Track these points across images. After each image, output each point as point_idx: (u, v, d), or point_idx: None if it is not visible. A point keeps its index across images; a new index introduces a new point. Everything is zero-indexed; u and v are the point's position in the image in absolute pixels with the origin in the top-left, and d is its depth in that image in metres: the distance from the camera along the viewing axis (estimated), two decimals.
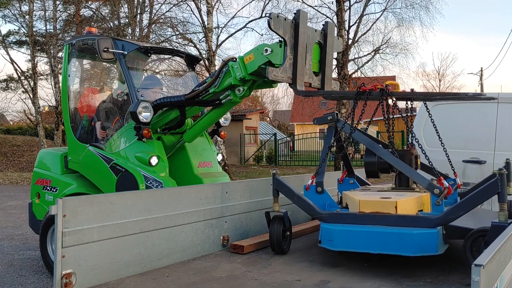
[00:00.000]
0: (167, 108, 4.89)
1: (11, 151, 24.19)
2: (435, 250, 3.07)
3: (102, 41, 4.99)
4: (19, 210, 10.64)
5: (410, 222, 3.12)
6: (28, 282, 5.38)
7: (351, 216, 3.34)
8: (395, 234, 3.10)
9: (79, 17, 23.85)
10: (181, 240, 3.29)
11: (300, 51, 3.70)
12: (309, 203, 3.55)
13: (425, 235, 3.06)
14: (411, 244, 3.06)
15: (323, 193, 3.74)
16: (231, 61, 4.14)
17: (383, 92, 3.51)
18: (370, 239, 3.18)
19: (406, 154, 3.67)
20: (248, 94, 4.29)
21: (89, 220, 2.69)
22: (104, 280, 2.78)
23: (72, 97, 5.89)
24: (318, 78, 4.02)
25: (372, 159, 3.74)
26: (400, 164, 3.48)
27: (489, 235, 2.90)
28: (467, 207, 3.10)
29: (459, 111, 5.67)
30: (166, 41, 20.40)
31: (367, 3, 18.60)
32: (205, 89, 4.40)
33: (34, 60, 23.00)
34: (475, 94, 3.46)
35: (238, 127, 26.58)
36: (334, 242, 3.31)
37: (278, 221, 3.59)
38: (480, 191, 3.10)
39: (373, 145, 3.68)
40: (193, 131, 5.01)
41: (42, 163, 6.01)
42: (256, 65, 3.78)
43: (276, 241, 3.57)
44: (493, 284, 1.95)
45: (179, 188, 3.73)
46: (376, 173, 3.80)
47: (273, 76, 3.55)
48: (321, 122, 4.05)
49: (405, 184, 3.75)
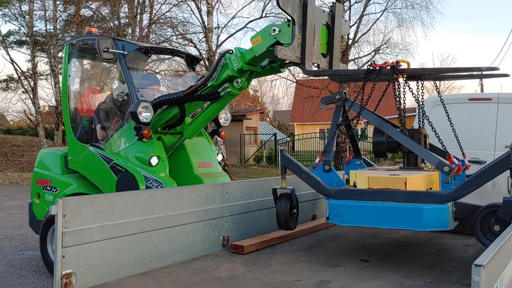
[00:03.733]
0: (166, 106, 4.89)
1: (11, 151, 24.19)
2: (445, 225, 3.02)
3: (102, 41, 5.00)
4: (19, 210, 10.64)
5: (420, 198, 3.07)
6: (28, 282, 5.38)
7: (360, 192, 3.28)
8: (405, 209, 3.05)
9: (79, 17, 23.84)
10: (181, 240, 3.29)
11: (309, 31, 3.66)
12: (317, 179, 3.52)
13: (435, 210, 3.00)
14: (422, 219, 3.01)
15: (330, 171, 3.72)
16: (228, 53, 4.16)
17: (394, 69, 3.44)
18: (380, 214, 3.13)
19: (415, 133, 3.60)
20: (246, 86, 4.29)
21: (89, 220, 2.69)
22: (104, 280, 2.78)
23: (72, 97, 5.89)
24: (326, 59, 3.99)
25: (380, 139, 3.70)
26: (409, 142, 3.41)
27: (501, 211, 2.86)
28: (478, 182, 3.02)
29: (459, 111, 5.66)
30: (166, 41, 20.39)
31: (367, 3, 18.61)
32: (203, 83, 4.41)
33: (34, 60, 22.99)
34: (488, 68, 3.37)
35: (238, 127, 26.58)
36: (343, 218, 3.27)
37: (285, 198, 3.58)
38: (492, 166, 3.02)
39: (382, 123, 3.63)
40: (193, 127, 5.01)
41: (42, 163, 6.01)
42: (264, 47, 3.73)
43: (283, 218, 3.56)
44: (493, 284, 1.95)
45: (179, 188, 3.73)
46: (384, 152, 3.75)
47: (281, 55, 3.50)
48: (329, 101, 4.00)
49: (414, 164, 3.67)
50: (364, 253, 3.56)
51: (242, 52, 4.05)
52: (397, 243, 3.90)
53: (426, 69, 3.58)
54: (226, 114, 5.77)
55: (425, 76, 3.68)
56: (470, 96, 6.87)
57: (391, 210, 3.11)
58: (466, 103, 6.15)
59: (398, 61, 3.49)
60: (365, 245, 3.84)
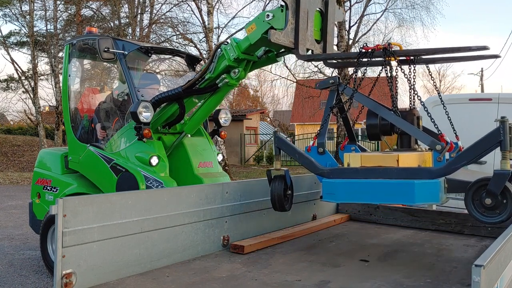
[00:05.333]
0: (165, 104, 4.89)
1: (11, 151, 24.20)
2: (436, 199, 3.05)
3: (102, 41, 5.00)
4: (19, 210, 10.64)
5: (412, 174, 3.10)
6: (28, 282, 5.38)
7: (353, 171, 3.33)
8: (397, 184, 3.09)
9: (79, 17, 23.86)
10: (181, 240, 3.29)
11: (302, 16, 3.69)
12: (310, 159, 3.55)
13: (426, 184, 3.04)
14: (413, 193, 3.04)
15: (324, 153, 3.76)
16: (223, 45, 4.20)
17: (386, 51, 3.47)
18: (372, 190, 3.17)
19: (408, 115, 3.64)
20: (243, 76, 4.31)
21: (89, 220, 2.69)
22: (104, 280, 2.78)
23: (72, 97, 5.90)
24: (320, 46, 4.02)
25: (374, 121, 3.73)
26: (402, 123, 3.45)
27: (492, 184, 2.88)
28: (468, 156, 3.04)
29: (459, 112, 5.66)
30: (166, 41, 20.42)
31: (368, 4, 18.62)
32: (201, 76, 4.43)
33: (35, 60, 23.02)
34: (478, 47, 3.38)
35: (239, 127, 26.59)
36: (336, 195, 3.32)
37: (279, 180, 3.61)
38: (482, 140, 3.03)
39: (376, 106, 3.66)
40: (193, 122, 5.02)
41: (43, 163, 6.02)
42: (259, 34, 3.76)
43: (278, 199, 3.58)
44: (493, 284, 1.95)
45: (179, 188, 3.73)
46: (378, 135, 3.78)
47: (275, 38, 3.53)
48: (323, 86, 4.05)
49: (407, 145, 3.71)
50: (364, 253, 3.56)
51: (237, 41, 4.08)
52: (397, 243, 3.90)
53: (418, 50, 3.61)
54: (226, 114, 5.78)
55: (417, 60, 3.70)
56: (471, 96, 6.88)
57: (383, 186, 3.15)
58: (467, 103, 6.16)
59: (390, 43, 3.52)
60: (365, 245, 3.83)
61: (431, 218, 4.35)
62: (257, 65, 4.46)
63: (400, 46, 3.63)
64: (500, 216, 2.92)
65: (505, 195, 2.89)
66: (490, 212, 2.95)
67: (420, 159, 3.38)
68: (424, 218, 4.39)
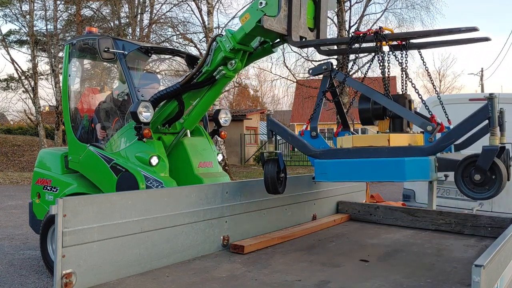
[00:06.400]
0: (164, 102, 4.90)
1: (11, 151, 24.20)
2: (426, 176, 3.08)
3: (102, 41, 5.00)
4: (19, 210, 10.65)
5: (403, 153, 3.14)
6: (28, 282, 5.39)
7: (345, 151, 3.37)
8: (388, 162, 3.13)
9: (79, 17, 23.87)
10: (181, 240, 3.29)
11: (295, 3, 3.73)
12: (303, 141, 3.59)
13: (416, 161, 3.08)
14: (403, 170, 3.07)
15: (317, 137, 3.78)
16: (219, 37, 4.23)
17: (378, 35, 3.51)
18: (363, 168, 3.21)
19: (400, 98, 3.69)
20: (240, 67, 4.32)
21: (89, 220, 2.69)
22: (104, 280, 2.78)
23: (72, 97, 5.90)
24: (313, 34, 4.06)
25: (366, 106, 3.77)
26: (394, 105, 3.48)
27: (480, 159, 2.91)
28: (458, 133, 3.08)
29: (459, 112, 5.66)
30: (166, 41, 20.42)
31: (368, 4, 18.62)
32: (198, 70, 4.46)
33: (35, 60, 23.02)
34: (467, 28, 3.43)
35: (239, 127, 26.60)
36: (328, 174, 3.36)
37: (272, 162, 3.64)
38: (470, 117, 3.07)
39: (368, 89, 3.71)
40: (193, 117, 5.03)
41: (43, 163, 6.02)
42: (253, 22, 3.78)
43: (271, 181, 3.61)
44: (493, 284, 1.95)
45: (179, 188, 3.73)
46: (370, 119, 3.82)
47: (268, 25, 3.56)
48: (316, 71, 4.10)
49: (400, 129, 3.74)
50: (364, 253, 3.56)
51: (232, 33, 4.11)
52: (397, 243, 3.90)
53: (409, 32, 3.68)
54: (226, 114, 5.78)
55: (409, 45, 3.74)
56: (471, 97, 6.88)
57: (374, 164, 3.18)
58: (467, 103, 6.16)
59: (381, 27, 3.55)
60: (365, 245, 3.83)
61: (431, 218, 4.36)
62: (254, 57, 4.48)
63: (392, 31, 3.68)
64: (489, 192, 2.95)
65: (494, 171, 2.92)
66: (480, 188, 2.98)
67: (411, 139, 3.42)
68: (424, 218, 4.39)
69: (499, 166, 2.90)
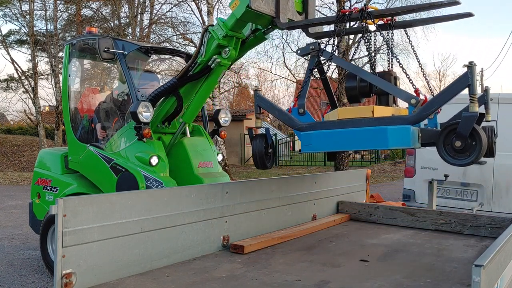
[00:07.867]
0: (163, 98, 4.90)
1: (11, 151, 24.21)
2: (408, 143, 3.11)
3: (102, 41, 5.01)
4: (19, 210, 10.65)
5: (386, 122, 3.19)
6: (28, 282, 5.39)
7: (330, 123, 3.43)
8: (371, 130, 3.17)
9: (79, 17, 23.87)
10: (182, 240, 3.29)
11: None
12: (289, 116, 3.65)
13: (399, 129, 3.11)
14: (386, 138, 3.12)
15: (304, 114, 3.82)
16: (210, 27, 4.27)
17: (363, 12, 3.55)
18: (347, 138, 3.27)
19: (386, 74, 3.74)
20: (234, 55, 4.34)
21: (89, 220, 2.69)
22: (104, 280, 2.78)
23: (72, 97, 5.90)
24: (302, 17, 4.09)
25: (352, 84, 3.81)
26: (380, 81, 3.53)
27: (461, 126, 2.96)
28: (439, 102, 3.12)
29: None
30: (166, 41, 20.43)
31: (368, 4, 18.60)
32: (193, 62, 4.48)
33: (35, 60, 23.02)
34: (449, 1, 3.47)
35: (239, 127, 26.60)
36: (313, 145, 3.42)
37: (260, 138, 3.73)
38: (451, 85, 3.12)
39: (354, 67, 3.77)
40: (191, 110, 5.04)
41: (43, 163, 6.02)
42: (244, 7, 3.79)
43: (259, 156, 3.70)
44: (493, 284, 1.95)
45: (179, 188, 3.73)
46: (357, 97, 3.86)
47: (256, 6, 3.59)
48: (304, 52, 4.14)
49: (385, 104, 3.79)
50: (364, 253, 3.56)
51: (223, 20, 4.16)
52: (397, 243, 3.90)
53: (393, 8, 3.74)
54: (226, 114, 5.78)
55: (395, 23, 3.78)
56: None
57: (358, 133, 3.23)
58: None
59: (365, 5, 3.58)
60: (365, 245, 3.84)
61: (431, 218, 4.36)
62: (247, 47, 4.51)
63: (377, 9, 3.71)
64: (469, 157, 3.00)
65: (474, 137, 2.97)
66: (461, 155, 3.03)
67: (395, 112, 3.46)
68: (424, 218, 4.39)
69: (479, 132, 2.95)
